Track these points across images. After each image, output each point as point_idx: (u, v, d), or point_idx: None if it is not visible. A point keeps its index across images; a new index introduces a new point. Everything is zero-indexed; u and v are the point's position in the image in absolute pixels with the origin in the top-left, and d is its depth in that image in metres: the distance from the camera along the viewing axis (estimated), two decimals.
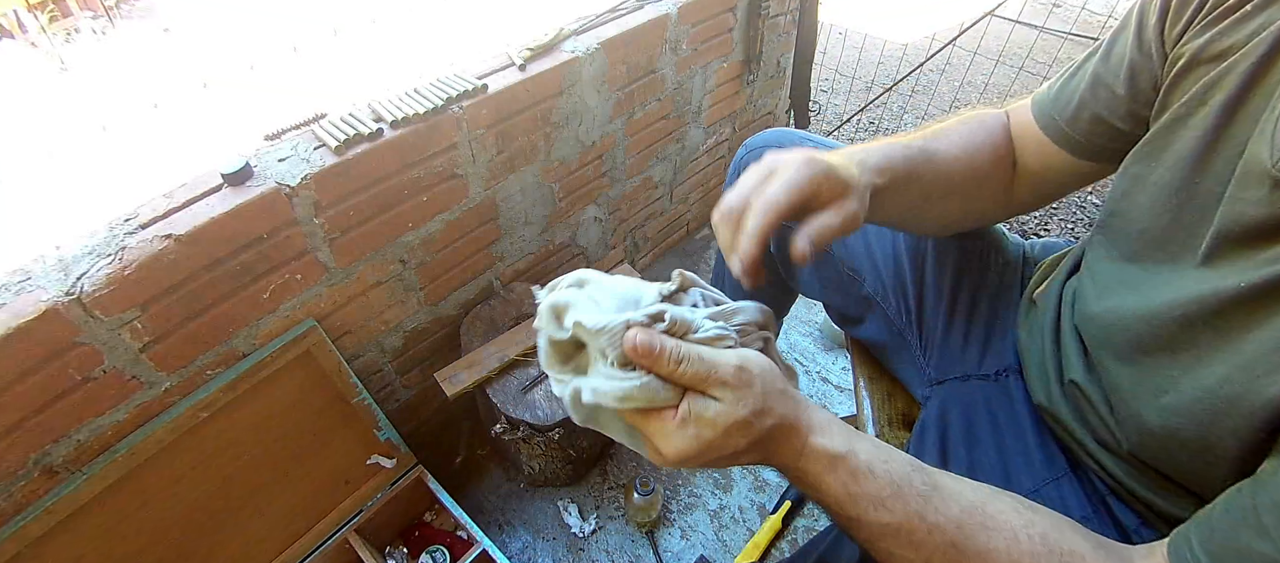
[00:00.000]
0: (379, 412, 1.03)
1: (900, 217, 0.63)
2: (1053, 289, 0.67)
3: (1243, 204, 0.42)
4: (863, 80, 2.46)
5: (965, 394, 0.71)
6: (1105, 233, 0.57)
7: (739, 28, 1.40)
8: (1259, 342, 0.40)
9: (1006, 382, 0.70)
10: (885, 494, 0.41)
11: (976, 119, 0.65)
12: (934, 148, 0.60)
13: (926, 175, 0.58)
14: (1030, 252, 0.79)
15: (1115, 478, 0.56)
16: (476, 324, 1.17)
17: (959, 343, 0.74)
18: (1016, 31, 2.68)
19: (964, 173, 0.61)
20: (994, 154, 0.64)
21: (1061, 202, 1.96)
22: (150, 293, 0.74)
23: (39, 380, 0.69)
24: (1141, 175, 0.51)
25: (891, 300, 0.79)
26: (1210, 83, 0.45)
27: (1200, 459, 0.46)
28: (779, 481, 1.30)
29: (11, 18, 4.10)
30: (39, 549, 0.75)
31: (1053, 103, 0.60)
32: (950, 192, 0.62)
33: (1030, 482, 0.62)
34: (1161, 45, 0.50)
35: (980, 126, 0.64)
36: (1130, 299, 0.51)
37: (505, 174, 1.09)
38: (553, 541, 1.21)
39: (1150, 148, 0.50)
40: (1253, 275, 0.41)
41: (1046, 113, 0.61)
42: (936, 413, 0.70)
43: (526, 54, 1.03)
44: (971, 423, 0.68)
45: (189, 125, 3.22)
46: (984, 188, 0.64)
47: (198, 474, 0.87)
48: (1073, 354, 0.60)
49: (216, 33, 4.19)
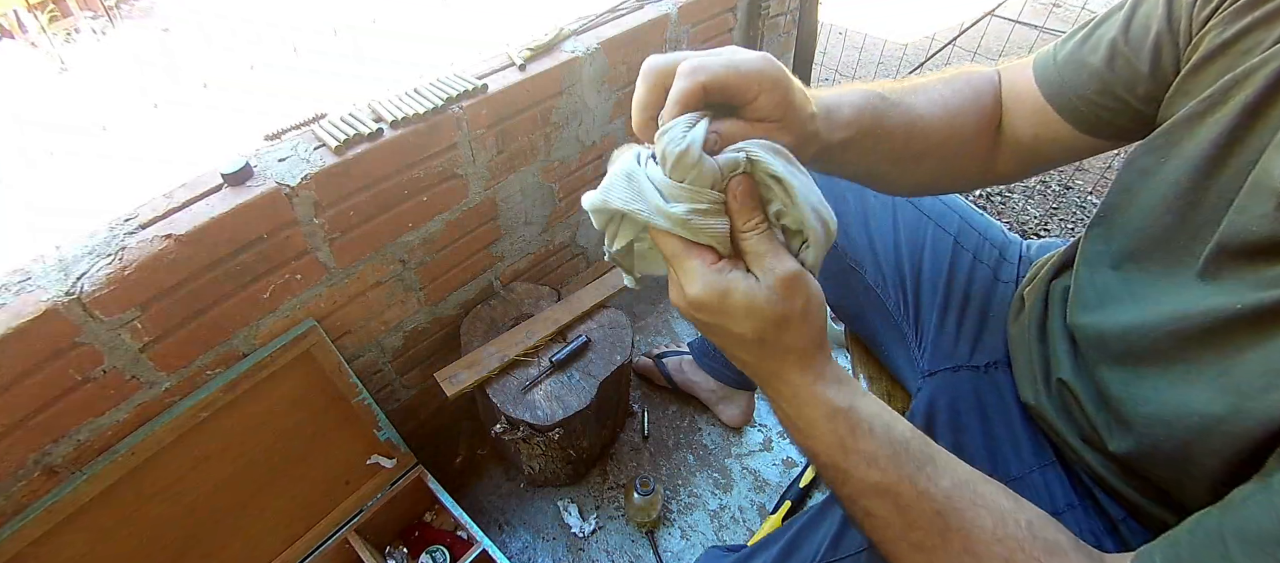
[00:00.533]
0: (379, 412, 1.03)
1: (868, 173, 0.59)
2: (1039, 288, 0.66)
3: (1248, 218, 0.41)
4: (863, 80, 2.46)
5: (954, 384, 0.71)
6: (1103, 228, 0.55)
7: (739, 28, 1.40)
8: (1252, 364, 0.39)
9: (996, 374, 0.70)
10: (880, 454, 0.41)
11: (964, 78, 0.60)
12: (913, 104, 0.55)
13: (901, 133, 0.54)
14: (1025, 252, 0.79)
15: (1100, 476, 0.56)
16: (476, 324, 1.17)
17: (952, 335, 0.74)
18: (1016, 31, 2.68)
19: (943, 135, 0.57)
20: (979, 117, 0.59)
21: (1062, 201, 1.96)
22: (150, 293, 0.74)
23: (39, 380, 0.69)
24: (1148, 171, 0.49)
25: (891, 292, 0.79)
26: (1233, 81, 0.43)
27: (1180, 471, 0.45)
28: (779, 480, 1.30)
29: (11, 18, 4.11)
30: (39, 549, 0.75)
31: (1061, 70, 0.56)
32: (926, 153, 0.58)
33: (1017, 468, 0.62)
34: (1190, 24, 0.47)
35: (967, 85, 0.60)
36: (1126, 307, 0.50)
37: (505, 174, 1.09)
38: (553, 541, 1.21)
39: (1163, 142, 0.48)
40: (1251, 297, 0.40)
41: (1052, 80, 0.56)
42: (925, 402, 0.70)
43: (526, 54, 1.03)
44: (960, 412, 0.68)
45: (189, 125, 3.22)
46: (964, 152, 0.60)
47: (198, 474, 0.87)
48: (1062, 353, 0.59)
49: (216, 33, 4.19)
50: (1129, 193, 0.51)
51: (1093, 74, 0.53)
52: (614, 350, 1.14)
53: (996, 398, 0.68)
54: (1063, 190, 2.01)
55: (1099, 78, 0.53)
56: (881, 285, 0.80)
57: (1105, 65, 0.52)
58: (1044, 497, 0.60)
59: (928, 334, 0.75)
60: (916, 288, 0.77)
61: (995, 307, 0.75)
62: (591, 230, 1.39)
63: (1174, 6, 0.48)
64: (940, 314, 0.75)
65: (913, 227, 0.80)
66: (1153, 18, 0.49)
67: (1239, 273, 0.42)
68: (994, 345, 0.73)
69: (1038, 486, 0.61)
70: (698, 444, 1.36)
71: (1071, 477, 0.61)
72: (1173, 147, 0.47)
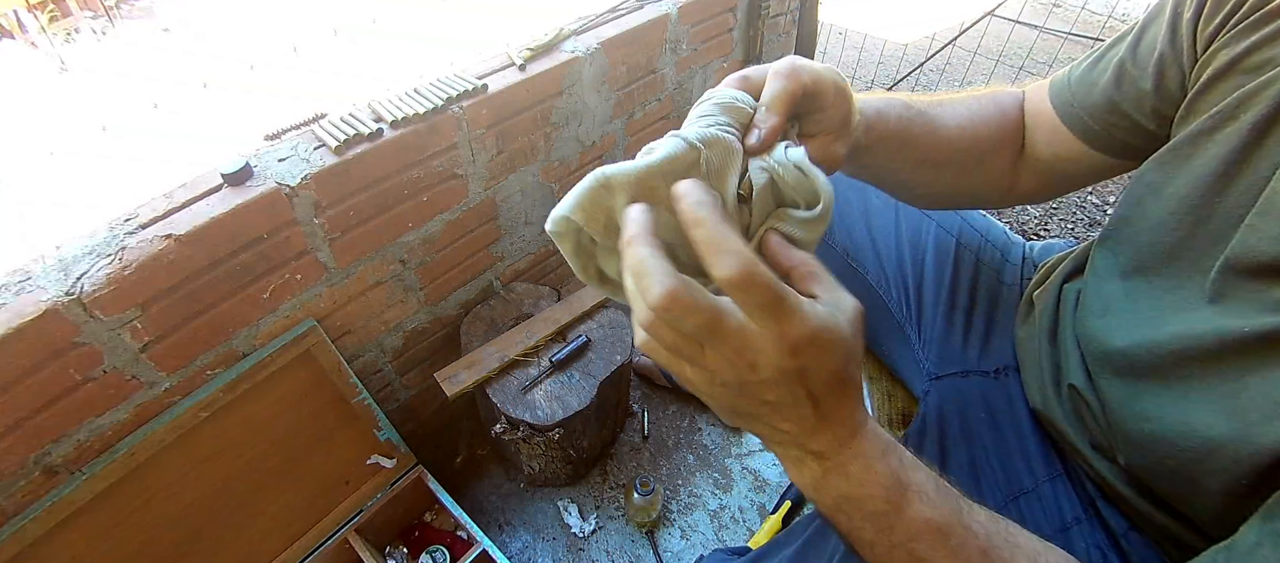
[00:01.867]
0: (379, 412, 1.03)
1: (888, 178, 0.59)
2: (1051, 292, 0.66)
3: (1258, 237, 0.40)
4: (863, 80, 2.46)
5: (964, 390, 0.70)
6: (1113, 241, 0.55)
7: (739, 28, 1.40)
8: (1257, 390, 0.39)
9: (1006, 380, 0.70)
10: (929, 487, 0.38)
11: (989, 96, 0.62)
12: (936, 115, 0.56)
13: (924, 142, 0.55)
14: (1029, 253, 0.78)
15: (1108, 483, 0.56)
16: (476, 324, 1.17)
17: (959, 339, 0.74)
18: (1016, 31, 2.68)
19: (965, 146, 0.58)
20: (1000, 132, 0.61)
21: (1061, 201, 1.95)
22: (150, 293, 0.74)
23: (39, 380, 0.69)
24: (1158, 185, 0.49)
25: (893, 292, 0.79)
26: (1244, 97, 0.42)
27: (1185, 487, 0.45)
28: (779, 480, 1.30)
29: (11, 18, 4.10)
30: (39, 549, 0.75)
31: (1073, 90, 0.57)
32: (946, 163, 0.58)
33: (1029, 480, 0.62)
34: (1193, 43, 0.47)
35: (991, 102, 0.61)
36: (1131, 321, 0.50)
37: (505, 174, 1.09)
38: (553, 541, 1.21)
39: (1171, 157, 0.48)
40: (1259, 321, 0.39)
41: (1065, 100, 0.58)
42: (935, 409, 0.70)
43: (526, 54, 1.03)
44: (970, 420, 0.68)
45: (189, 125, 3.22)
46: (984, 166, 0.61)
47: (198, 474, 0.87)
48: (1073, 359, 0.58)
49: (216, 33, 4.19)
50: (1139, 206, 0.51)
51: (1102, 92, 0.55)
52: (614, 350, 1.14)
53: (1006, 404, 0.68)
54: None
55: (1107, 96, 0.54)
56: (883, 285, 0.79)
57: (1113, 84, 0.54)
58: (1053, 509, 0.60)
59: (932, 334, 0.75)
60: (918, 288, 0.77)
61: (1002, 310, 0.75)
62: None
63: (1178, 27, 0.49)
64: (946, 316, 0.75)
65: (915, 226, 0.80)
66: (1158, 39, 0.51)
67: (1246, 293, 0.41)
68: (1002, 350, 0.72)
69: (1048, 498, 0.60)
70: (698, 444, 1.36)
71: (1077, 488, 0.60)
72: (1182, 162, 0.47)
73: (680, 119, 1.62)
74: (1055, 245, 0.77)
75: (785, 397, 0.34)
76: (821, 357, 0.32)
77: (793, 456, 0.38)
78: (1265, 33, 0.42)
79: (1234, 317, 0.41)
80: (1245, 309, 0.41)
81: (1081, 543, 0.57)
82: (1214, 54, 0.45)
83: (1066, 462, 0.62)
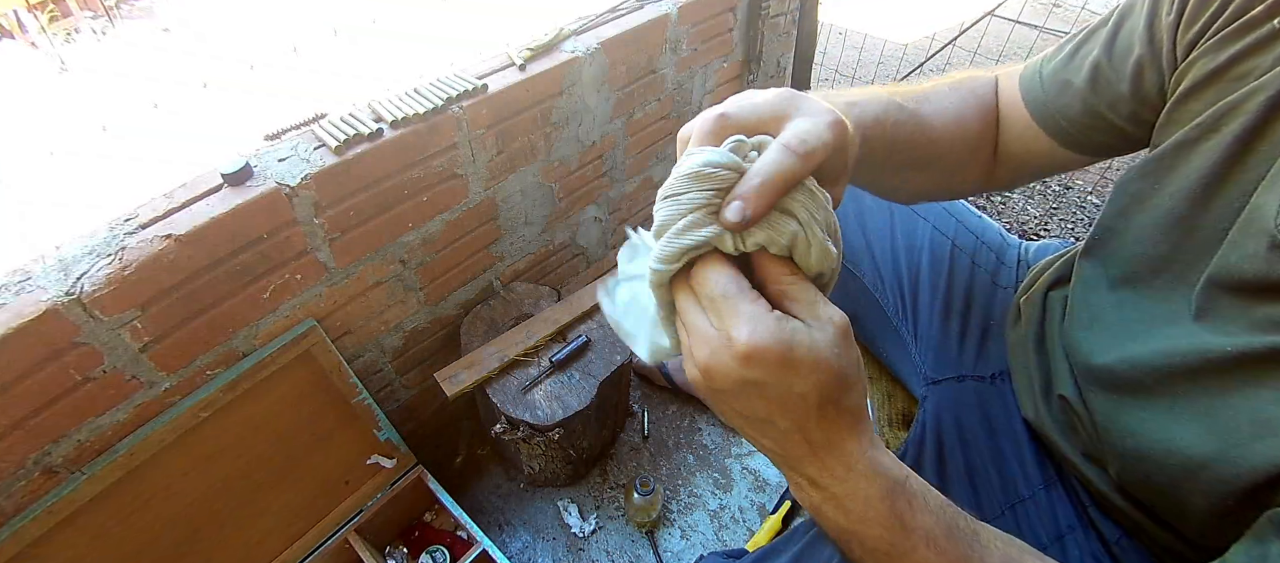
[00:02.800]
0: (379, 412, 1.03)
1: (874, 181, 0.57)
2: (1036, 300, 0.65)
3: (1240, 254, 0.40)
4: (863, 80, 2.46)
5: (960, 396, 0.70)
6: (1101, 251, 0.54)
7: (739, 28, 1.40)
8: (1239, 409, 0.39)
9: (1002, 385, 0.70)
10: (938, 531, 0.36)
11: (969, 86, 0.60)
12: (926, 114, 0.55)
13: (912, 144, 0.53)
14: (1024, 254, 0.78)
15: (1101, 492, 0.55)
16: (476, 324, 1.17)
17: (955, 342, 0.74)
18: (1016, 31, 2.68)
19: (952, 145, 0.57)
20: (982, 125, 0.59)
21: (1062, 202, 1.96)
22: (150, 293, 0.74)
23: (39, 381, 0.69)
24: (1142, 196, 0.48)
25: (888, 295, 0.78)
26: (1226, 108, 0.42)
27: (1173, 503, 0.45)
28: (779, 480, 1.30)
29: (11, 18, 4.10)
30: (39, 549, 0.75)
31: (1046, 89, 0.56)
32: (933, 161, 0.57)
33: (1026, 488, 0.62)
34: (1173, 48, 0.46)
35: (971, 93, 0.59)
36: (1117, 336, 0.49)
37: (505, 174, 1.09)
38: (553, 541, 1.21)
39: (1156, 167, 0.47)
40: (1242, 340, 0.39)
41: (1038, 98, 0.56)
42: (933, 416, 0.70)
43: (526, 54, 1.03)
44: (967, 427, 0.68)
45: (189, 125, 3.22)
46: (969, 162, 0.60)
47: (198, 474, 0.87)
48: (1062, 369, 0.58)
49: (216, 33, 4.19)
50: (1123, 216, 0.51)
51: (1076, 94, 0.53)
52: (614, 350, 1.14)
53: (1002, 410, 0.68)
54: (1063, 190, 2.01)
55: (1083, 98, 0.53)
56: (878, 287, 0.79)
57: (1089, 86, 0.52)
58: (1049, 518, 0.59)
59: (928, 337, 0.75)
60: (914, 290, 0.77)
61: (996, 314, 0.74)
62: (591, 230, 1.39)
63: (1155, 28, 0.47)
64: (942, 319, 0.75)
65: (909, 228, 0.80)
66: (1135, 38, 0.49)
67: (1229, 310, 0.41)
68: (998, 354, 0.72)
69: (1044, 506, 0.60)
70: (698, 444, 1.36)
71: (1071, 496, 0.60)
72: (1166, 173, 0.46)
73: (680, 119, 1.61)
74: (1051, 246, 0.76)
75: (754, 410, 0.34)
76: (783, 373, 0.31)
77: (789, 477, 0.38)
78: (1247, 42, 0.41)
79: (1217, 334, 0.41)
80: (1228, 327, 0.40)
81: (1076, 551, 0.57)
82: (1194, 62, 0.44)
83: (1060, 470, 0.62)
